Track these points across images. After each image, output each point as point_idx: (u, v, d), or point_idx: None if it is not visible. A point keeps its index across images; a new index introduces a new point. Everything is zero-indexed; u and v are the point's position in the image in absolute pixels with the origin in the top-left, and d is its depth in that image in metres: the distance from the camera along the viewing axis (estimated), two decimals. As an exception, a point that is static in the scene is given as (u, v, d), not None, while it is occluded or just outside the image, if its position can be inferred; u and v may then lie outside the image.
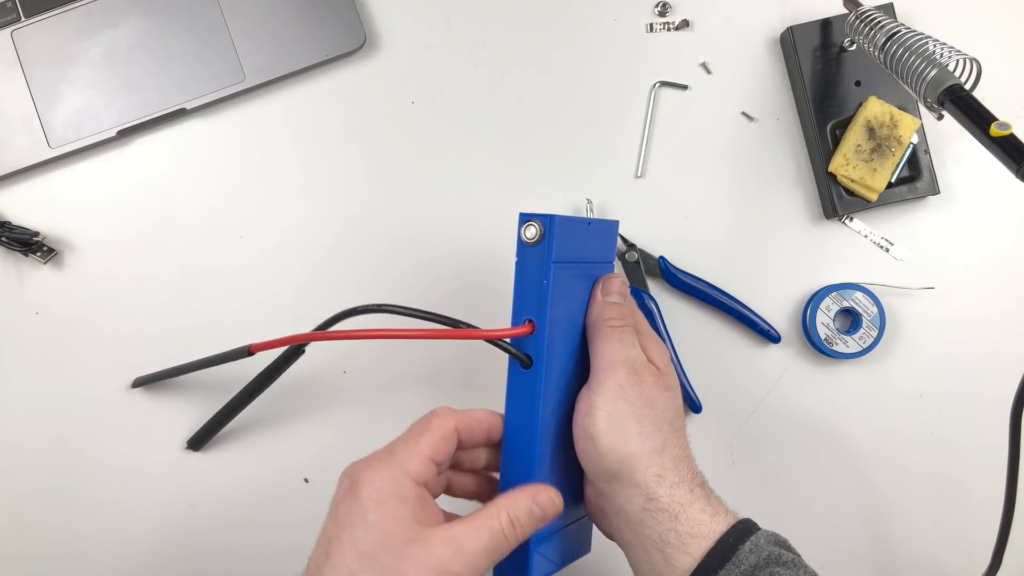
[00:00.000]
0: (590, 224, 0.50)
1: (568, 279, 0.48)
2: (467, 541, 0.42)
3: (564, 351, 0.49)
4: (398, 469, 0.43)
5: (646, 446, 0.47)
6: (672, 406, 0.50)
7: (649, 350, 0.51)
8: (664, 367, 0.51)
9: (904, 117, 0.63)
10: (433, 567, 0.41)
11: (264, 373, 0.61)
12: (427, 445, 0.44)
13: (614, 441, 0.47)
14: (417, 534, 0.42)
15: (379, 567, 0.41)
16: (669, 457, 0.48)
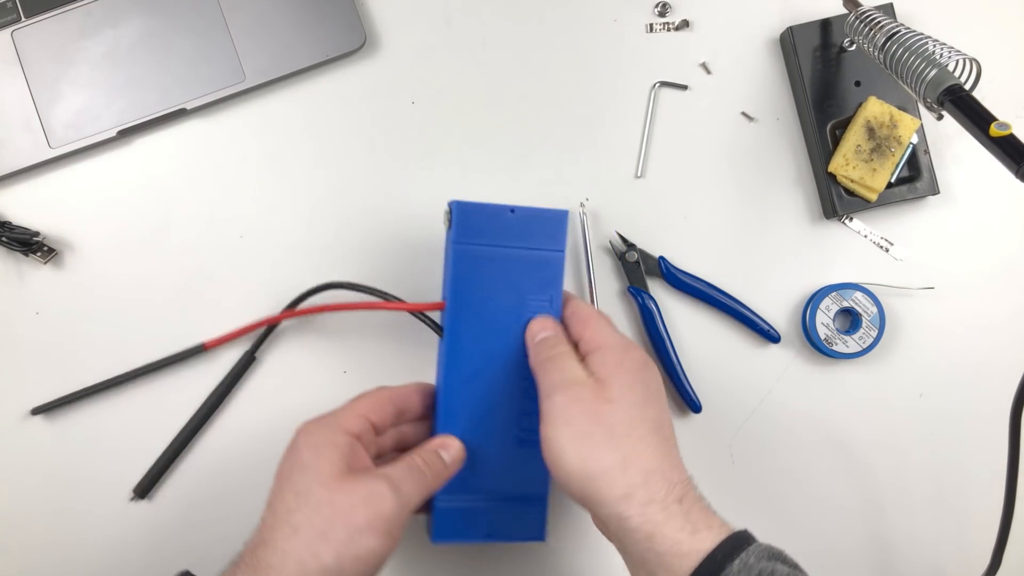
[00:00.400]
0: (513, 211, 0.55)
1: (487, 260, 0.55)
2: (390, 470, 0.48)
3: (485, 325, 0.55)
4: (333, 421, 0.49)
5: (602, 463, 0.47)
6: (622, 417, 0.48)
7: (593, 365, 0.51)
8: (607, 377, 0.50)
9: (904, 117, 0.63)
10: (362, 492, 0.46)
11: (219, 388, 0.63)
12: (362, 405, 0.51)
13: (570, 464, 0.48)
14: (346, 472, 0.47)
15: (313, 501, 0.45)
16: (637, 471, 0.47)
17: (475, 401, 0.55)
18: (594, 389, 0.49)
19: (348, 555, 0.44)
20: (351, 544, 0.44)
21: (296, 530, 0.45)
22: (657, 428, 0.49)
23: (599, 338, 0.52)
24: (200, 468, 0.64)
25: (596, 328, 0.53)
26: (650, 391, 0.51)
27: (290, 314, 0.63)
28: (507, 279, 0.55)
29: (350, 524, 0.45)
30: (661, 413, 0.50)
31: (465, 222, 0.55)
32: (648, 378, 0.51)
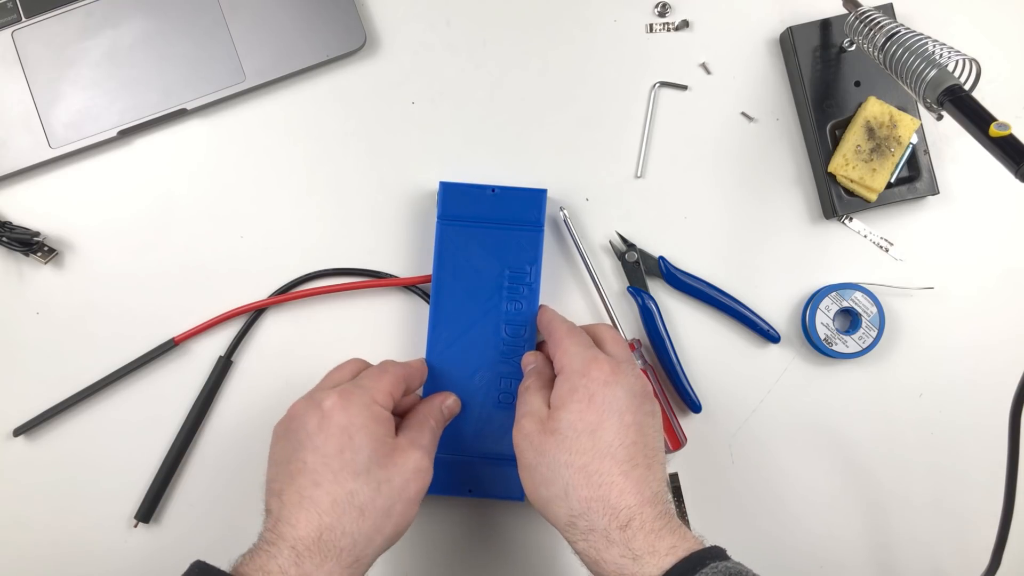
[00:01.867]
0: (494, 191, 0.62)
1: (470, 235, 0.62)
2: (423, 440, 0.53)
3: (468, 294, 0.61)
4: (368, 397, 0.51)
5: (544, 494, 0.50)
6: (565, 447, 0.49)
7: (553, 392, 0.53)
8: (557, 407, 0.51)
9: (903, 117, 0.63)
10: (412, 467, 0.50)
11: (201, 395, 0.64)
12: (388, 383, 0.53)
13: (526, 493, 0.53)
14: (392, 446, 0.50)
15: (373, 480, 0.48)
16: (576, 500, 0.48)
17: (457, 363, 0.61)
18: (541, 422, 0.52)
19: (403, 524, 0.50)
20: (406, 515, 0.50)
21: (363, 512, 0.47)
22: (608, 453, 0.49)
23: (562, 361, 0.54)
24: (196, 477, 0.64)
25: (562, 349, 0.55)
26: (607, 412, 0.50)
27: (280, 299, 0.64)
28: (489, 253, 0.62)
29: (406, 498, 0.49)
30: (619, 434, 0.49)
31: (449, 200, 0.62)
32: (609, 399, 0.50)
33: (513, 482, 0.61)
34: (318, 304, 0.65)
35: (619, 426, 0.50)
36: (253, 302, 0.64)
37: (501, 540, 0.64)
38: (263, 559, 0.45)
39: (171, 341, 0.63)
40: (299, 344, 0.65)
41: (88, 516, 0.64)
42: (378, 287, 0.65)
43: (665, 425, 0.63)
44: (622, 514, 0.47)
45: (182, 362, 0.64)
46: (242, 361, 0.65)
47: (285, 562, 0.44)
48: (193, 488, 0.64)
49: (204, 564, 0.45)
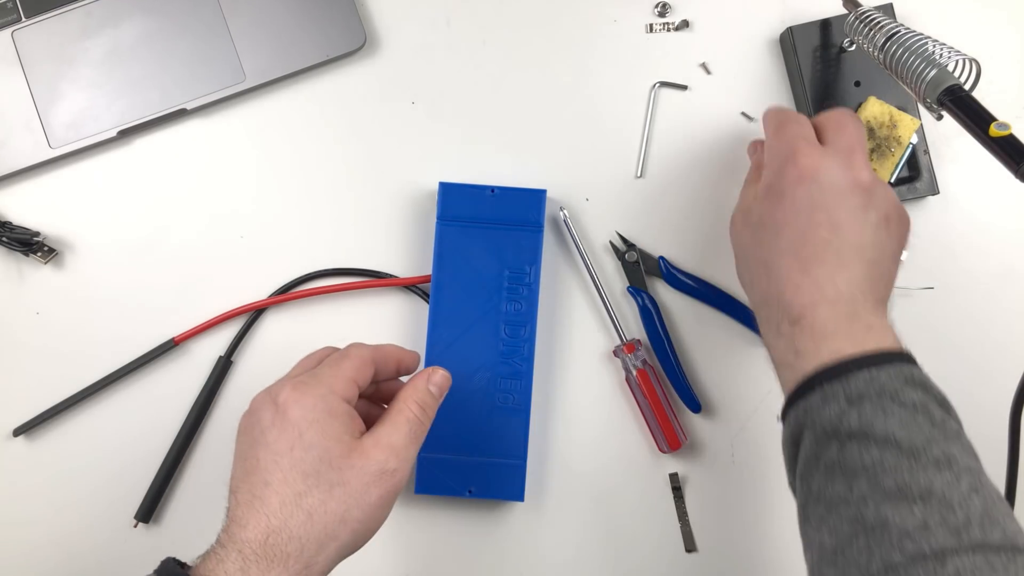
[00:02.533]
0: (493, 191, 0.62)
1: (469, 235, 0.62)
2: (393, 438, 0.46)
3: (468, 294, 0.61)
4: (325, 388, 0.46)
5: (744, 280, 0.55)
6: (752, 243, 0.53)
7: (761, 186, 0.54)
8: (756, 200, 0.54)
9: (903, 117, 0.63)
10: (373, 471, 0.45)
11: (201, 395, 0.63)
12: (349, 368, 0.48)
13: (737, 273, 0.57)
14: (351, 445, 0.45)
15: (325, 483, 0.44)
16: (758, 291, 0.52)
17: (457, 364, 0.60)
18: (744, 214, 0.54)
19: (363, 531, 0.46)
20: (366, 522, 0.45)
21: (311, 516, 0.43)
22: (791, 250, 0.49)
23: (764, 157, 0.54)
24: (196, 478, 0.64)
25: (765, 145, 0.54)
26: (796, 211, 0.50)
27: (280, 299, 0.64)
28: (489, 253, 0.62)
29: (365, 503, 0.45)
30: (806, 232, 0.49)
31: (448, 201, 0.62)
32: (800, 196, 0.49)
33: (513, 482, 0.61)
34: (318, 304, 0.65)
35: (808, 224, 0.49)
36: (253, 302, 0.64)
37: (501, 540, 0.64)
38: (213, 563, 0.43)
39: (171, 341, 0.63)
40: (299, 344, 0.64)
41: (88, 516, 0.64)
42: (378, 287, 0.65)
43: (665, 425, 0.63)
44: (794, 310, 0.48)
45: (182, 362, 0.64)
46: (242, 361, 0.65)
47: (232, 567, 0.42)
48: (193, 488, 0.64)
49: (172, 564, 0.44)
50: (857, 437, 0.43)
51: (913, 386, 0.45)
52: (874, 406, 0.43)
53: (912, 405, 0.44)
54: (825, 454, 0.45)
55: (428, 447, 0.59)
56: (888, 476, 0.42)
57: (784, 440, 0.49)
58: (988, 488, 0.43)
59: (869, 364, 0.45)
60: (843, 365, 0.45)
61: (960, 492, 0.41)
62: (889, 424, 0.43)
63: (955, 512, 0.40)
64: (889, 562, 0.40)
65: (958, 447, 0.44)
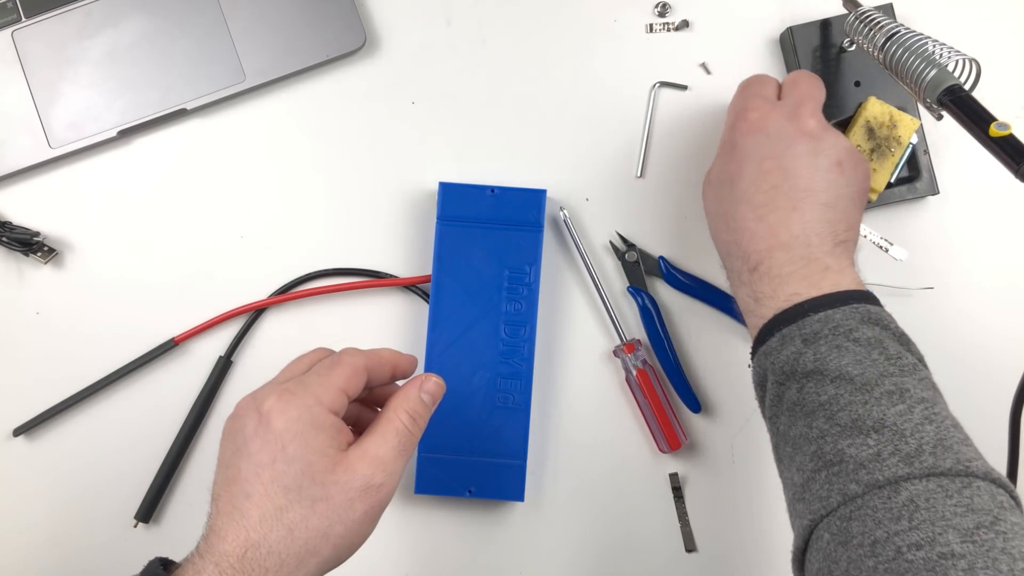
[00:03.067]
0: (493, 191, 0.62)
1: (469, 236, 0.62)
2: (380, 451, 0.44)
3: (468, 294, 0.61)
4: (312, 398, 0.44)
5: (711, 233, 0.57)
6: (711, 197, 0.56)
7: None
8: (716, 156, 0.57)
9: (903, 117, 0.63)
10: (358, 486, 0.43)
11: (201, 395, 0.63)
12: (340, 377, 0.45)
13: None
14: (335, 459, 0.43)
15: (307, 498, 0.42)
16: (720, 243, 0.54)
17: (457, 364, 0.61)
18: (708, 173, 0.56)
19: (346, 547, 0.44)
20: (349, 538, 0.44)
21: (292, 531, 0.42)
22: (744, 199, 0.51)
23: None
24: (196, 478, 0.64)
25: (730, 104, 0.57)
26: (746, 160, 0.52)
27: (280, 299, 0.64)
28: (489, 253, 0.62)
29: (349, 519, 0.43)
30: (756, 180, 0.51)
31: (448, 201, 0.62)
32: (750, 146, 0.52)
33: (513, 482, 0.61)
34: (318, 304, 0.65)
35: (757, 172, 0.51)
36: (253, 302, 0.64)
37: (501, 540, 0.64)
38: (190, 573, 0.42)
39: (171, 341, 0.63)
40: (299, 344, 0.64)
41: (88, 516, 0.64)
42: (378, 287, 0.65)
43: (665, 425, 0.63)
44: (752, 257, 0.50)
45: (182, 362, 0.64)
46: (242, 361, 0.65)
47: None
48: (193, 488, 0.64)
49: (156, 568, 0.43)
50: (813, 376, 0.46)
51: (869, 323, 0.46)
52: (828, 345, 0.45)
53: (867, 341, 0.45)
54: (786, 395, 0.47)
55: (428, 447, 0.60)
56: (843, 411, 0.44)
57: (754, 385, 0.51)
58: (943, 417, 0.45)
59: (825, 305, 0.47)
60: (799, 308, 0.47)
61: (912, 422, 0.43)
62: (843, 361, 0.45)
63: (907, 441, 0.42)
64: (847, 493, 0.43)
65: (913, 380, 0.46)
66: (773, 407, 0.49)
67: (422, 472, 0.61)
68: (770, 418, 0.50)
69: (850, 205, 0.52)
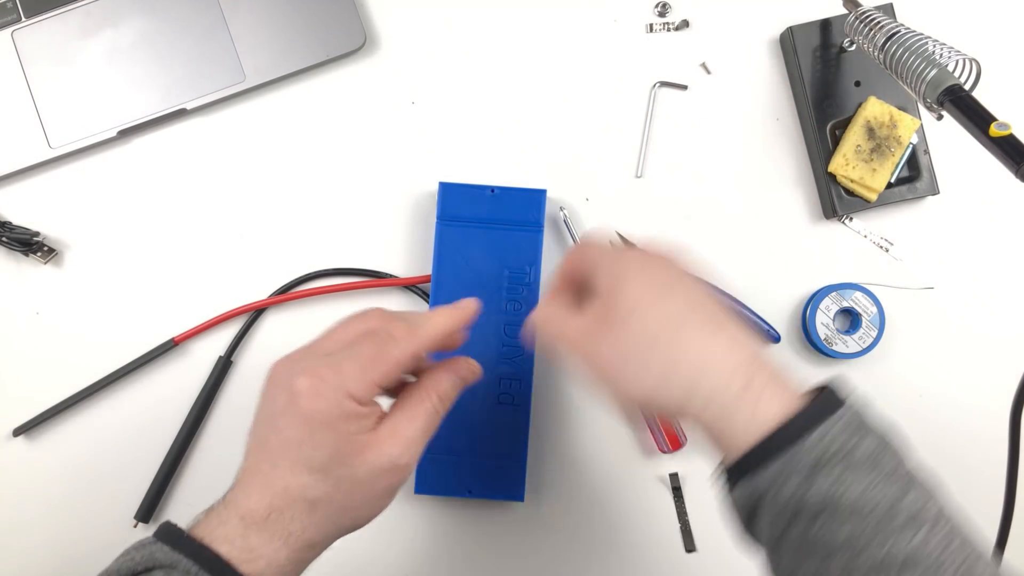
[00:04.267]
0: (493, 191, 0.62)
1: (469, 235, 0.62)
2: (409, 431, 0.45)
3: (468, 293, 0.57)
4: (343, 391, 0.43)
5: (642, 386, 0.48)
6: (631, 337, 0.45)
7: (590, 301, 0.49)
8: (602, 309, 0.47)
9: (904, 117, 0.63)
10: (384, 464, 0.43)
11: (201, 395, 0.63)
12: (378, 373, 0.44)
13: (624, 395, 0.49)
14: (364, 443, 0.43)
15: (333, 479, 0.43)
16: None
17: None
18: (595, 326, 0.46)
19: (364, 518, 0.45)
20: (369, 509, 0.45)
21: (315, 505, 0.43)
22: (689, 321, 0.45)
23: (591, 271, 0.48)
24: (196, 478, 0.64)
25: (586, 261, 0.49)
26: (656, 288, 0.45)
27: (280, 299, 0.64)
28: (489, 253, 0.62)
29: (371, 494, 0.44)
30: (686, 304, 0.45)
31: (448, 200, 0.62)
32: (650, 276, 0.46)
33: (513, 482, 0.61)
34: (318, 304, 0.65)
35: (680, 300, 0.46)
36: (253, 302, 0.64)
37: (501, 540, 0.64)
38: (214, 523, 0.42)
39: (171, 341, 0.63)
40: (299, 344, 0.65)
41: (88, 516, 0.63)
42: (378, 287, 0.65)
43: (665, 425, 0.63)
44: (735, 380, 0.43)
45: (182, 362, 0.64)
46: (242, 361, 0.65)
47: (233, 531, 0.42)
48: (193, 488, 0.64)
49: (171, 525, 0.43)
50: (822, 514, 0.40)
51: (860, 433, 0.42)
52: (833, 476, 0.40)
53: (868, 461, 0.41)
54: (791, 533, 0.42)
55: (428, 447, 0.59)
56: (865, 552, 0.40)
57: (735, 509, 0.45)
58: (959, 528, 0.42)
59: (813, 419, 0.41)
60: (787, 430, 0.41)
61: (935, 546, 0.40)
62: (853, 493, 0.40)
63: (941, 571, 0.39)
64: None
65: (917, 491, 0.42)
66: (773, 542, 0.43)
67: (422, 472, 0.61)
68: (768, 551, 0.44)
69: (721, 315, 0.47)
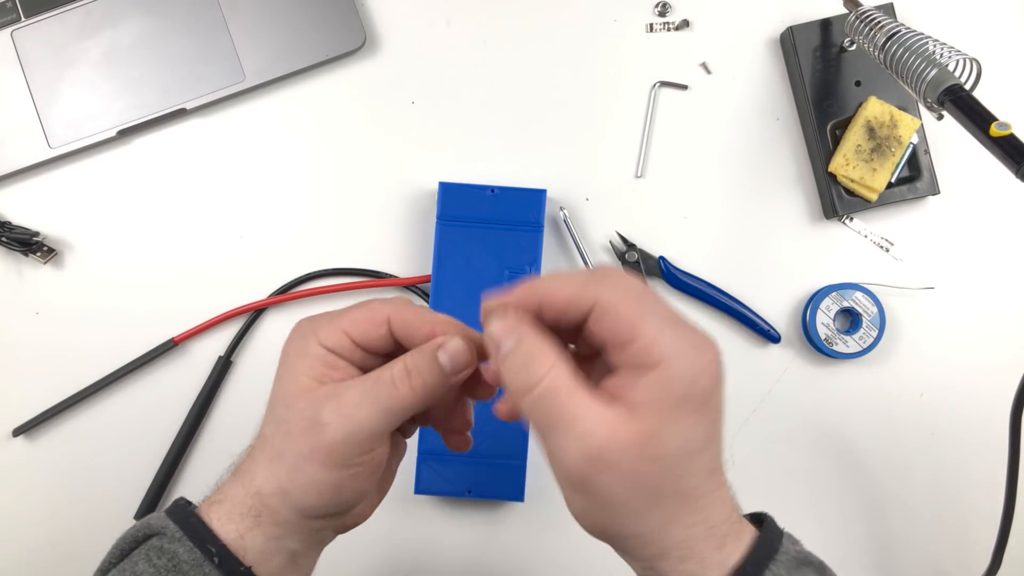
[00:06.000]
0: (493, 191, 0.62)
1: (469, 235, 0.62)
2: (348, 392, 0.40)
3: (468, 294, 0.61)
4: (310, 331, 0.43)
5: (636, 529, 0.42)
6: (669, 466, 0.37)
7: (619, 377, 0.39)
8: (639, 406, 0.37)
9: (904, 117, 0.63)
10: (308, 416, 0.40)
11: (200, 395, 0.63)
12: (346, 320, 0.43)
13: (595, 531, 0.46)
14: (307, 387, 0.41)
15: (274, 417, 0.42)
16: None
17: None
18: (636, 426, 0.35)
19: (298, 480, 0.40)
20: (297, 469, 0.40)
21: (264, 443, 0.42)
22: (716, 463, 0.39)
23: (619, 327, 0.35)
24: (196, 478, 0.64)
25: (612, 303, 0.36)
26: (714, 391, 0.36)
27: (280, 299, 0.64)
28: (489, 253, 0.62)
29: (297, 450, 0.40)
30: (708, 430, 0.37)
31: (448, 200, 0.62)
32: (713, 371, 0.36)
33: (513, 482, 0.61)
34: (318, 304, 0.65)
35: (707, 416, 0.37)
36: (253, 302, 0.64)
37: (501, 540, 0.64)
38: (214, 494, 0.43)
39: (171, 341, 0.63)
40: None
41: (87, 516, 0.63)
42: (378, 287, 0.65)
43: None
44: (727, 532, 0.41)
45: (182, 362, 0.64)
46: (242, 361, 0.65)
47: (217, 496, 0.43)
48: (193, 489, 0.64)
49: (180, 501, 0.43)
50: None
51: (803, 570, 0.40)
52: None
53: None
54: None
55: (427, 447, 0.60)
56: None
57: None
58: None
59: (762, 563, 0.39)
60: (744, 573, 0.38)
61: None
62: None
63: None
64: None
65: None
66: None
67: (421, 472, 0.61)
68: None
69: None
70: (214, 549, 0.40)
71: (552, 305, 0.38)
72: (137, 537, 0.42)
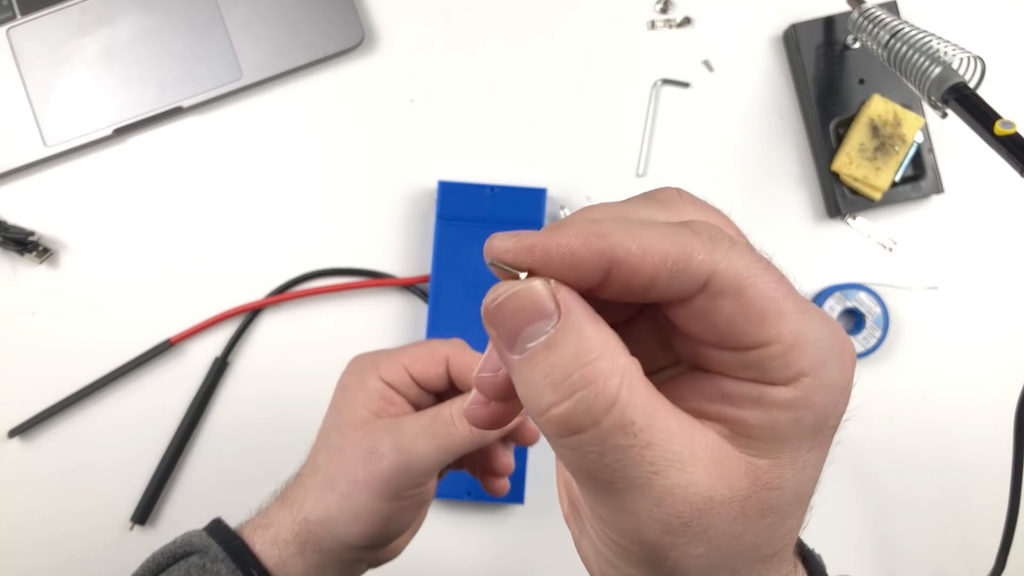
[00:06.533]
0: (493, 190, 0.62)
1: (468, 235, 0.62)
2: (406, 425, 0.43)
3: (467, 294, 0.61)
4: (370, 363, 0.45)
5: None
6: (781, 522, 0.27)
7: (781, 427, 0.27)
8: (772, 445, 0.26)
9: (908, 115, 0.63)
10: (365, 447, 0.42)
11: (197, 396, 0.63)
12: (408, 357, 0.45)
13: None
14: (363, 418, 0.43)
15: (329, 445, 0.44)
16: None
17: None
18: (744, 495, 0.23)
19: (347, 508, 0.42)
20: (349, 497, 0.42)
21: (316, 471, 0.44)
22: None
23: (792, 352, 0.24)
24: (192, 479, 0.64)
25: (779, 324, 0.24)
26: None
27: (277, 299, 0.64)
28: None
29: (351, 478, 0.42)
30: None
31: (448, 200, 0.62)
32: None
33: (514, 485, 0.60)
34: (315, 304, 0.64)
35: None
36: (249, 302, 0.63)
37: (501, 542, 0.64)
38: (258, 517, 0.44)
39: (167, 342, 0.63)
40: (296, 345, 0.64)
41: (84, 518, 0.63)
42: (376, 287, 0.64)
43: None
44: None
45: (178, 363, 0.64)
46: (238, 362, 0.64)
47: (261, 520, 0.44)
48: (189, 490, 0.64)
49: (221, 522, 0.45)
50: None
51: None
52: None
53: None
54: None
55: None
56: None
57: None
58: None
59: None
60: None
61: None
62: None
63: None
64: None
65: None
66: None
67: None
68: None
69: None
70: (256, 572, 0.42)
71: (634, 270, 0.22)
72: (176, 553, 0.43)
